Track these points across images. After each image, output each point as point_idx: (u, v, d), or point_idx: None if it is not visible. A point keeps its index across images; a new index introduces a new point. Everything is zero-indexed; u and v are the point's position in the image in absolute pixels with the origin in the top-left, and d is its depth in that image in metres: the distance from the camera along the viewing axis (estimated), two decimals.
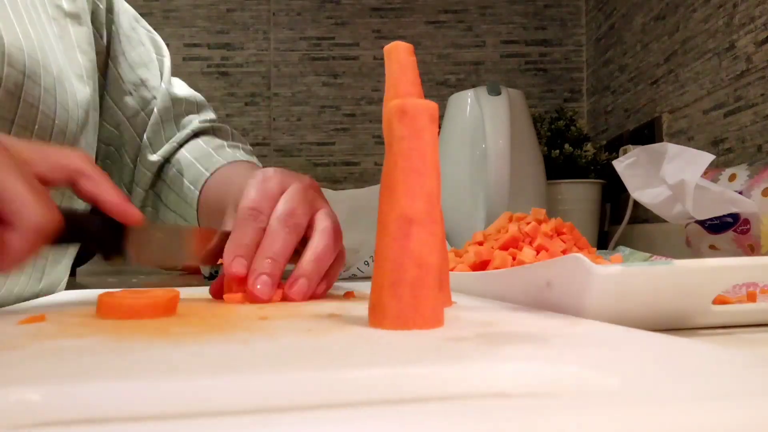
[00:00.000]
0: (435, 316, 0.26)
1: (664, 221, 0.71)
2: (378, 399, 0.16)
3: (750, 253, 0.64)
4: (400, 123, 0.27)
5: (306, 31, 1.53)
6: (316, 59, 1.53)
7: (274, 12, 1.53)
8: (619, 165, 0.68)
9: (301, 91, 1.52)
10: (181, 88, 0.64)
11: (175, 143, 0.61)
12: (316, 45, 1.53)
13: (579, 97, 1.54)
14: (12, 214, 0.29)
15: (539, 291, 0.34)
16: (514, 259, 0.47)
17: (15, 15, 0.46)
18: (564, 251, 0.48)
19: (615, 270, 0.29)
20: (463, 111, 1.03)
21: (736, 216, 0.64)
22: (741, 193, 0.64)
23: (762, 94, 0.88)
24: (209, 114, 0.66)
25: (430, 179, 0.26)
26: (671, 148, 0.64)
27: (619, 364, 0.18)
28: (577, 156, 1.21)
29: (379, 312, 0.26)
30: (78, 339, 0.23)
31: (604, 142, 1.36)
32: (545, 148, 1.20)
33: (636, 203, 1.08)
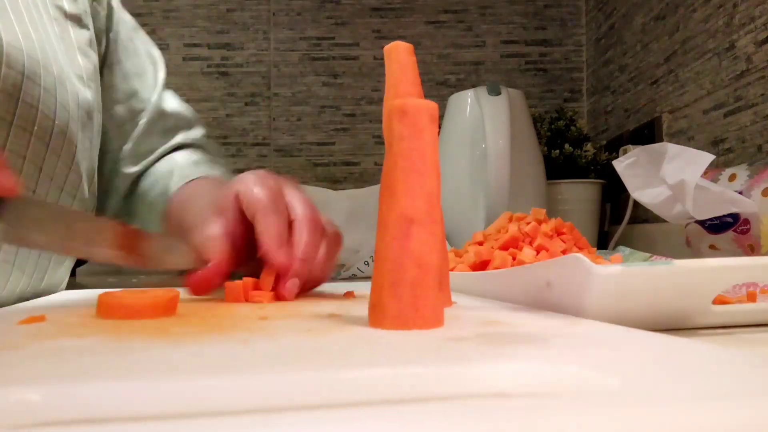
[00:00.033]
0: (435, 316, 0.26)
1: (664, 221, 0.71)
2: (378, 399, 0.16)
3: (750, 253, 0.64)
4: (400, 123, 0.27)
5: (306, 31, 1.53)
6: (316, 59, 1.53)
7: (274, 12, 1.53)
8: (619, 165, 0.68)
9: (301, 91, 1.52)
10: (172, 103, 0.65)
11: (154, 156, 0.62)
12: (316, 45, 1.53)
13: (579, 97, 1.54)
14: None
15: (539, 291, 0.34)
16: (514, 259, 0.47)
17: (15, 15, 0.46)
18: (564, 251, 0.48)
19: (615, 270, 0.29)
20: (463, 111, 1.03)
21: (736, 216, 0.64)
22: (741, 193, 0.64)
23: (762, 94, 0.88)
24: (199, 131, 0.67)
25: (430, 179, 0.26)
26: (671, 148, 0.64)
27: (619, 364, 0.18)
28: (577, 156, 1.21)
29: (379, 312, 0.26)
30: (78, 339, 0.23)
31: (604, 142, 1.36)
32: (545, 148, 1.20)
33: (636, 203, 1.08)
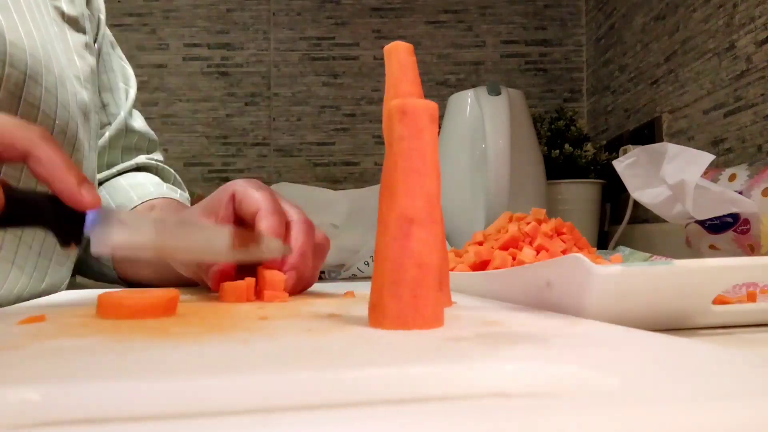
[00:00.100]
0: (435, 316, 0.26)
1: (664, 221, 0.71)
2: (378, 399, 0.16)
3: (750, 253, 0.64)
4: (400, 123, 0.27)
5: (306, 31, 1.53)
6: (316, 59, 1.53)
7: (274, 12, 1.53)
8: (619, 165, 0.68)
9: (301, 91, 1.52)
10: (138, 122, 0.66)
11: (114, 170, 0.63)
12: (316, 45, 1.53)
13: (579, 97, 1.54)
14: None
15: (539, 291, 0.34)
16: (514, 259, 0.47)
17: (18, 15, 0.46)
18: (564, 251, 0.48)
19: (615, 270, 0.29)
20: (463, 111, 1.03)
21: (736, 216, 0.64)
22: (741, 193, 0.64)
23: (762, 94, 0.88)
24: (158, 155, 0.68)
25: (430, 179, 0.26)
26: (671, 148, 0.64)
27: (619, 364, 0.18)
28: (577, 156, 1.21)
29: (379, 312, 0.26)
30: (78, 339, 0.23)
31: (604, 142, 1.36)
32: (545, 148, 1.20)
33: (636, 203, 1.08)
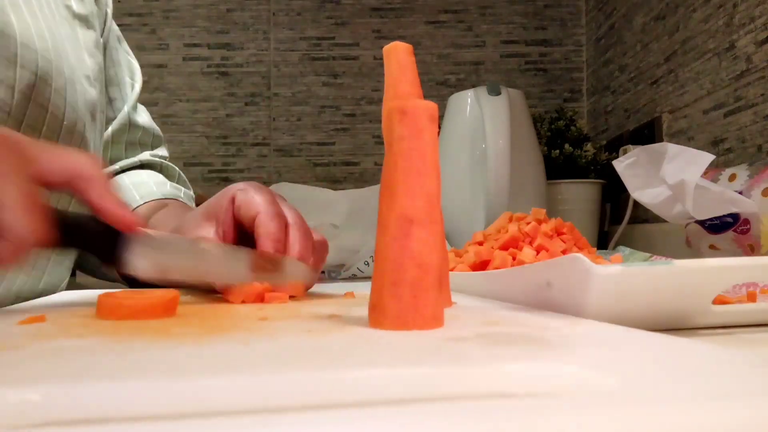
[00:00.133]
0: (435, 317, 0.26)
1: (664, 221, 0.71)
2: (378, 399, 0.16)
3: (750, 253, 0.64)
4: (400, 123, 0.27)
5: (306, 31, 1.53)
6: (316, 59, 1.53)
7: (274, 12, 1.53)
8: (619, 165, 0.68)
9: (301, 91, 1.52)
10: (142, 117, 0.66)
11: (117, 167, 0.62)
12: (316, 45, 1.53)
13: (579, 97, 1.54)
14: (2, 226, 0.29)
15: (539, 291, 0.34)
16: (514, 259, 0.47)
17: (30, 16, 0.46)
18: (564, 251, 0.48)
19: (615, 270, 0.29)
20: (463, 111, 1.03)
21: (736, 216, 0.64)
22: (741, 193, 0.64)
23: (762, 94, 0.88)
24: (162, 151, 0.67)
25: (430, 179, 0.26)
26: (671, 148, 0.64)
27: (619, 364, 0.18)
28: (577, 156, 1.21)
29: (379, 312, 0.26)
30: (78, 339, 0.23)
31: (604, 142, 1.36)
32: (545, 148, 1.20)
33: (636, 203, 1.08)
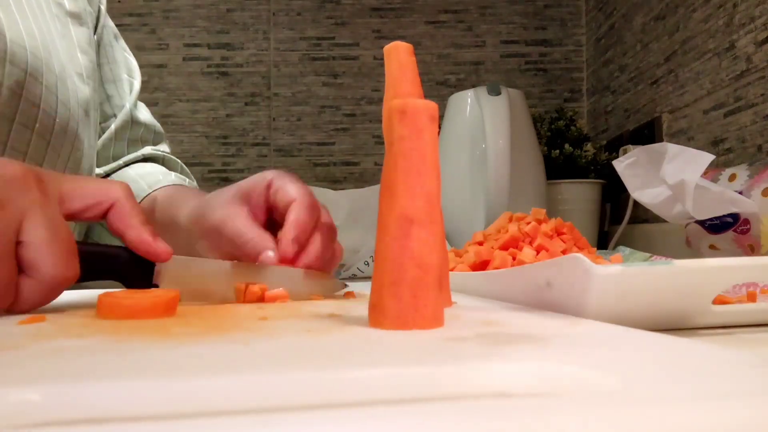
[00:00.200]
0: (435, 316, 0.26)
1: (664, 221, 0.71)
2: (378, 399, 0.16)
3: (750, 253, 0.64)
4: (400, 123, 0.27)
5: (306, 31, 1.53)
6: (316, 59, 1.53)
7: (274, 12, 1.53)
8: (619, 165, 0.68)
9: (301, 91, 1.52)
10: (143, 114, 0.66)
11: (121, 162, 0.63)
12: (316, 45, 1.53)
13: (579, 97, 1.54)
14: (30, 265, 0.29)
15: (539, 291, 0.34)
16: (514, 259, 0.47)
17: (20, 13, 0.46)
18: (564, 251, 0.48)
19: (615, 270, 0.29)
20: (463, 111, 1.03)
21: (736, 216, 0.64)
22: (741, 193, 0.64)
23: (762, 94, 0.88)
24: (164, 147, 0.68)
25: (430, 179, 0.26)
26: (671, 148, 0.64)
27: (619, 364, 0.18)
28: (577, 156, 1.21)
29: (379, 312, 0.26)
30: (78, 339, 0.23)
31: (604, 142, 1.36)
32: (545, 148, 1.20)
33: (636, 203, 1.08)
